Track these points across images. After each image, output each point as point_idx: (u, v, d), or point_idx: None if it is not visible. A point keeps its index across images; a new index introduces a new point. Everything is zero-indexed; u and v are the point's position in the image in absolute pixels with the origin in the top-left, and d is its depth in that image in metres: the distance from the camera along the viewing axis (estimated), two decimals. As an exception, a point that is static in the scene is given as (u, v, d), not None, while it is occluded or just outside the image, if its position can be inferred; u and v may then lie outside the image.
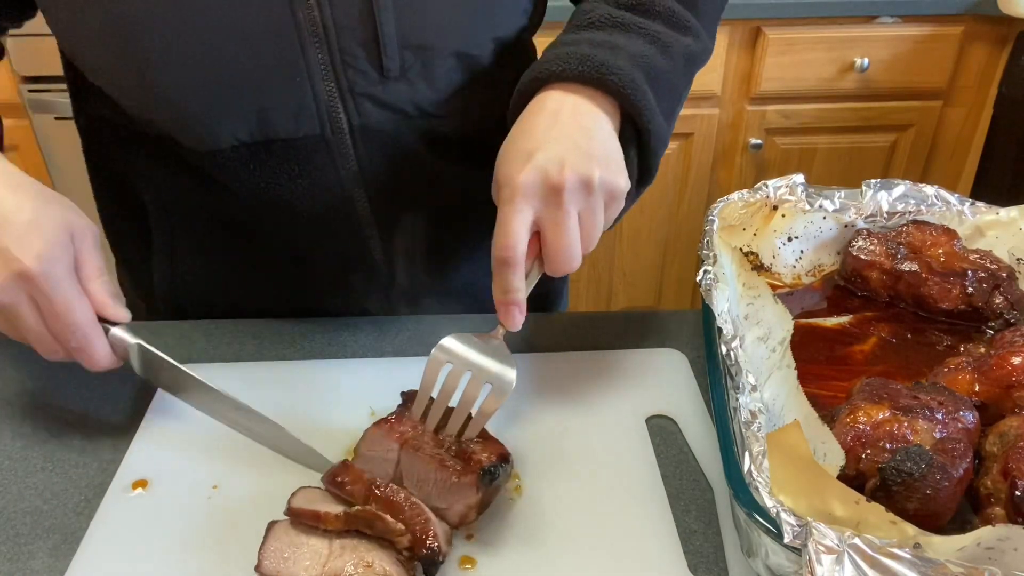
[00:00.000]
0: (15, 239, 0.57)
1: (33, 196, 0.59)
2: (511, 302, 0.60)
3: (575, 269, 0.61)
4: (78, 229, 0.60)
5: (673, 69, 0.68)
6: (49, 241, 0.58)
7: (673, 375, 0.74)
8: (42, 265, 0.57)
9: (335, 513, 0.55)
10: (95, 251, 0.62)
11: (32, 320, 0.59)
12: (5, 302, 0.58)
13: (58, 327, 0.60)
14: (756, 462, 0.53)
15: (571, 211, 0.59)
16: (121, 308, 0.63)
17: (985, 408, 0.62)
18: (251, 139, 0.70)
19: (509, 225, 0.58)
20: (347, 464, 0.58)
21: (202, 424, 0.68)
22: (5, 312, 0.58)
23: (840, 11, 1.76)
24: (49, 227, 0.58)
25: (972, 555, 0.47)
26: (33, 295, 0.58)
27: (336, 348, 0.78)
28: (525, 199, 0.58)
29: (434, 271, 0.85)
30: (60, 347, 0.61)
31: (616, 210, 0.63)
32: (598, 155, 0.60)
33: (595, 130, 0.62)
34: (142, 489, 0.63)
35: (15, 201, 0.58)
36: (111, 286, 0.62)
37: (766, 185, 0.79)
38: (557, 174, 0.58)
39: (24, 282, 0.57)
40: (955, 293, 0.74)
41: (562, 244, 0.59)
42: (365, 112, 0.70)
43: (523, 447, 0.66)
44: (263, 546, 0.55)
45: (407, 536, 0.54)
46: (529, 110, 0.64)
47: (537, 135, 0.61)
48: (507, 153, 0.61)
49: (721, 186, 1.99)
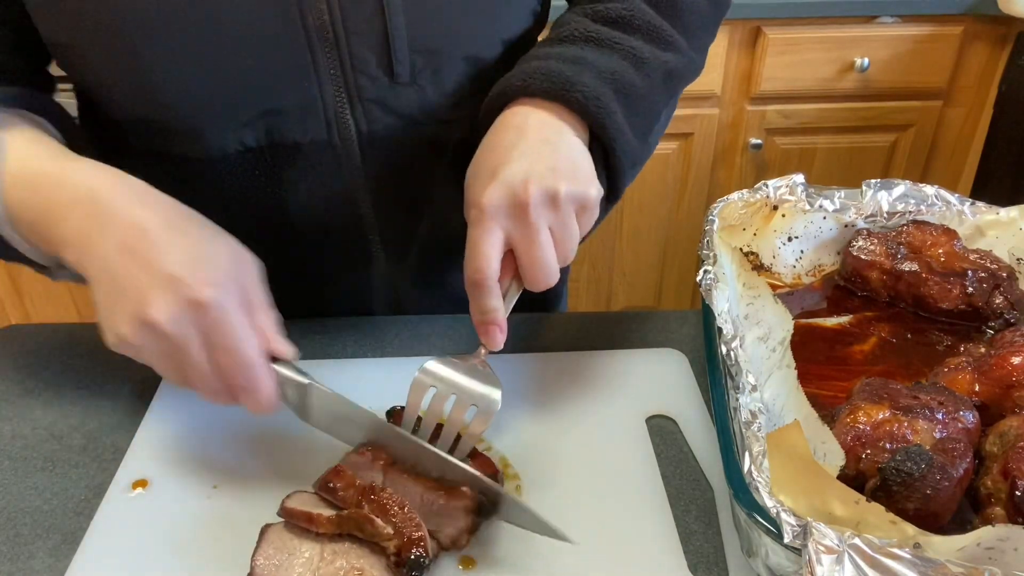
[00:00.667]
0: (188, 269, 0.53)
1: (198, 227, 0.57)
2: (489, 322, 0.59)
3: (553, 283, 0.60)
4: (245, 261, 0.58)
5: (649, 86, 0.67)
6: (221, 271, 0.55)
7: (673, 375, 0.74)
8: (217, 294, 0.53)
9: (327, 515, 0.55)
10: (261, 284, 0.58)
11: (199, 357, 0.54)
12: (174, 334, 0.53)
13: (228, 363, 0.55)
14: (756, 462, 0.53)
15: (540, 226, 0.58)
16: (286, 344, 0.58)
17: (985, 408, 0.62)
18: (258, 144, 0.70)
19: (478, 247, 0.58)
20: (340, 469, 0.58)
21: (202, 425, 0.68)
22: (174, 346, 0.54)
23: (840, 11, 1.76)
24: (219, 257, 0.56)
25: (972, 555, 0.47)
26: (205, 328, 0.54)
27: (336, 348, 0.78)
28: (492, 218, 0.58)
29: (436, 275, 0.85)
30: (224, 386, 0.56)
31: (589, 220, 0.62)
32: (563, 167, 0.59)
33: (560, 143, 0.61)
34: (142, 489, 0.63)
35: (181, 232, 0.56)
36: (277, 321, 0.59)
37: (766, 185, 0.79)
38: (522, 190, 0.57)
39: (197, 313, 0.53)
40: (955, 293, 0.74)
41: (535, 260, 0.59)
42: (373, 118, 0.70)
43: (523, 447, 0.66)
44: (256, 552, 0.55)
45: (395, 541, 0.54)
46: (495, 127, 0.63)
47: (501, 153, 0.60)
48: (473, 172, 0.61)
49: (721, 186, 1.99)
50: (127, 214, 0.55)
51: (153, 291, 0.53)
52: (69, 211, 0.56)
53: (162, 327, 0.53)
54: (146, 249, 0.54)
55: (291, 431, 0.67)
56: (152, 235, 0.54)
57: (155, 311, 0.52)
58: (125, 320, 0.54)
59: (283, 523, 0.57)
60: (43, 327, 0.82)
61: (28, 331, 0.81)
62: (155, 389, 0.72)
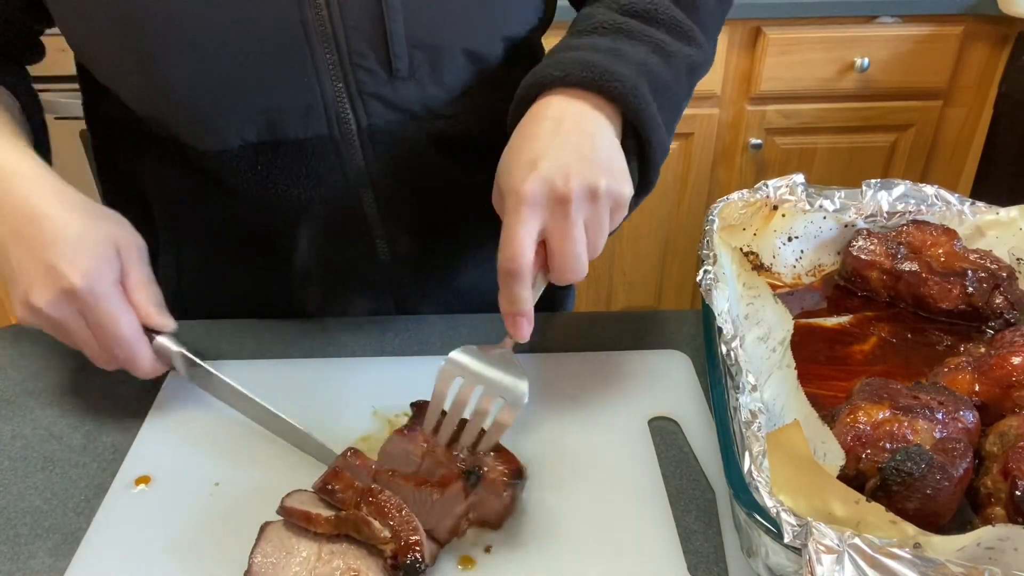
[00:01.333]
0: (62, 256, 0.59)
1: (80, 212, 0.62)
2: (519, 313, 0.59)
3: (582, 278, 0.60)
4: (124, 243, 0.63)
5: (676, 79, 0.67)
6: (94, 257, 0.60)
7: (676, 377, 0.74)
8: (87, 281, 0.59)
9: (325, 516, 0.55)
10: (140, 263, 0.64)
11: (82, 333, 0.62)
12: (55, 318, 0.60)
13: (105, 339, 0.62)
14: (756, 462, 0.53)
15: (577, 221, 0.58)
16: (165, 317, 0.65)
17: (985, 408, 0.62)
18: (259, 139, 0.70)
19: (515, 236, 0.57)
20: (338, 471, 0.58)
21: (205, 421, 0.68)
22: (57, 325, 0.61)
23: (840, 11, 1.76)
24: (94, 243, 0.61)
25: (972, 555, 0.47)
26: (81, 310, 0.61)
27: (337, 348, 0.78)
28: (531, 209, 0.57)
29: (439, 271, 0.85)
30: (110, 357, 0.64)
31: (620, 217, 0.62)
32: (602, 163, 0.59)
33: (598, 137, 0.61)
34: (145, 485, 0.63)
35: (63, 218, 0.61)
36: (156, 296, 0.65)
37: (766, 185, 0.79)
38: (563, 184, 0.57)
39: (71, 298, 0.60)
40: (955, 293, 0.74)
41: (569, 254, 0.58)
42: (373, 113, 0.70)
43: (524, 448, 0.66)
44: (254, 549, 0.55)
45: (392, 544, 0.54)
46: (530, 116, 0.63)
47: (540, 143, 0.60)
48: (510, 162, 0.60)
49: (721, 186, 1.99)
50: (22, 202, 0.61)
51: (35, 280, 0.60)
52: None
53: (44, 311, 0.60)
54: (32, 235, 0.60)
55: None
56: (39, 223, 0.60)
57: (36, 298, 0.60)
58: (18, 303, 0.61)
59: (282, 521, 0.57)
60: (43, 327, 0.82)
61: (28, 331, 0.81)
62: (156, 389, 0.72)
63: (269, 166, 0.72)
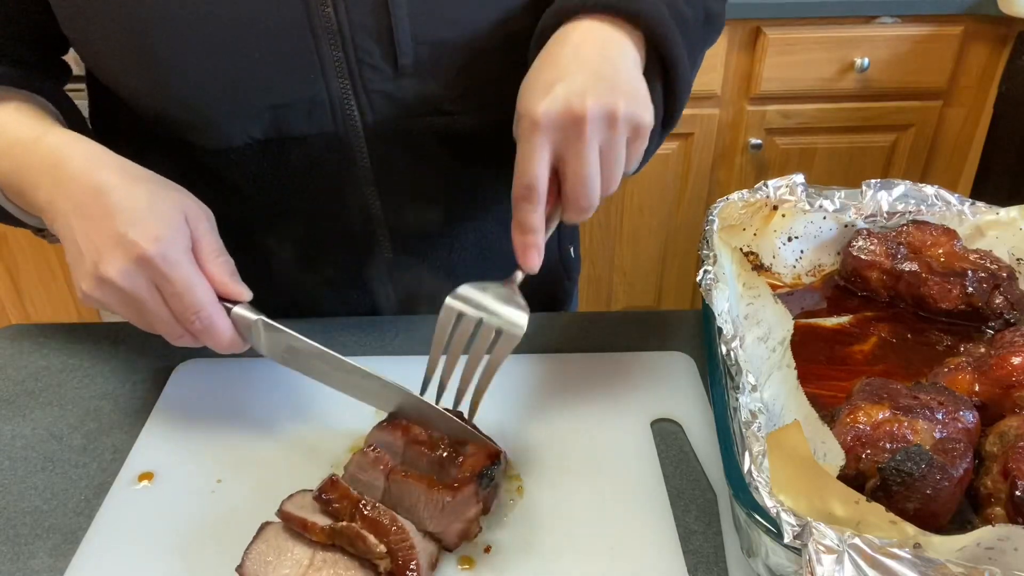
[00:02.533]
0: (132, 225, 0.57)
1: (146, 183, 0.60)
2: (530, 243, 0.58)
3: (592, 209, 0.59)
4: (192, 212, 0.61)
5: (695, 19, 0.67)
6: (166, 224, 0.58)
7: (679, 378, 0.74)
8: (160, 247, 0.57)
9: (321, 525, 0.55)
10: (211, 232, 0.62)
11: (156, 305, 0.59)
12: (128, 288, 0.57)
13: (180, 308, 0.59)
14: (756, 462, 0.53)
15: (593, 143, 0.57)
16: (241, 286, 0.62)
17: (985, 408, 0.62)
18: (264, 136, 0.71)
19: (530, 159, 0.56)
20: (335, 481, 0.57)
21: (208, 419, 0.69)
22: (129, 298, 0.58)
23: (840, 11, 1.76)
24: (165, 211, 0.59)
25: (972, 555, 0.47)
26: (154, 279, 0.58)
27: (337, 348, 0.77)
28: (545, 131, 0.56)
29: (442, 268, 0.85)
30: (185, 330, 0.60)
31: (639, 148, 0.60)
32: (623, 86, 0.58)
33: (620, 61, 0.60)
34: (147, 482, 0.63)
35: (129, 189, 0.59)
36: (229, 265, 0.62)
37: (766, 185, 0.79)
38: (579, 104, 0.56)
39: (144, 266, 0.57)
40: (955, 293, 0.74)
41: (582, 178, 0.57)
42: (378, 109, 0.70)
43: (526, 448, 0.66)
44: (249, 546, 0.55)
45: (387, 560, 0.54)
46: (553, 41, 0.62)
47: (559, 65, 0.59)
48: (528, 85, 0.59)
49: (721, 186, 1.99)
50: (84, 178, 0.59)
51: (105, 250, 0.57)
52: (39, 178, 0.61)
53: (116, 282, 0.57)
54: (99, 210, 0.58)
55: (296, 427, 0.68)
56: (104, 197, 0.58)
57: (108, 268, 0.57)
58: (86, 277, 0.58)
59: (282, 523, 0.57)
60: (43, 327, 0.82)
61: (28, 331, 0.81)
62: (158, 389, 0.72)
63: (274, 163, 0.72)
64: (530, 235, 0.58)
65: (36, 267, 1.99)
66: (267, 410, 0.70)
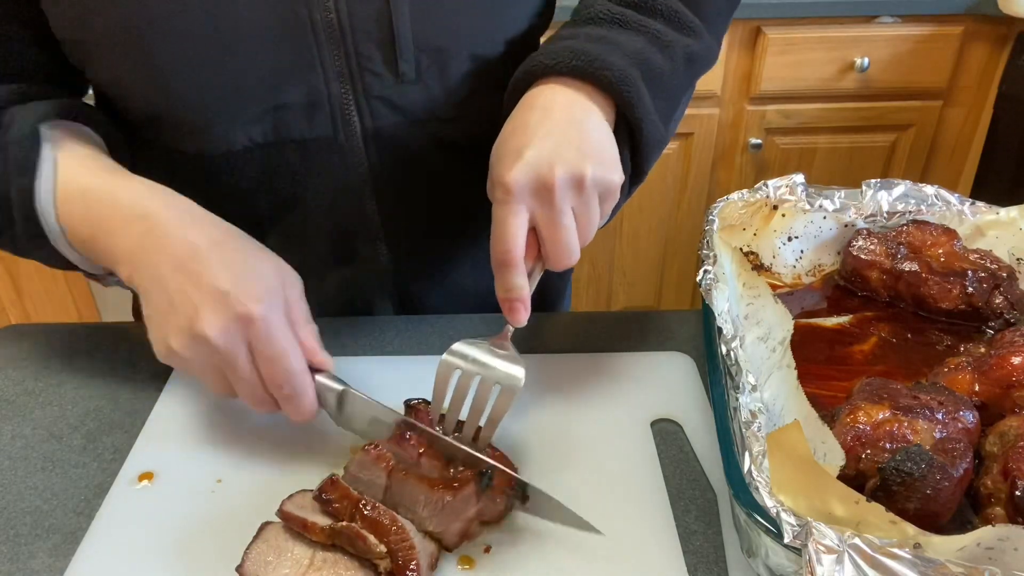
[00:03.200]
0: (236, 284, 0.56)
1: (242, 245, 0.61)
2: (514, 299, 0.60)
3: (574, 263, 0.61)
4: (288, 278, 0.61)
5: (673, 70, 0.68)
6: (269, 287, 0.58)
7: (680, 379, 0.74)
8: (263, 308, 0.56)
9: (322, 525, 0.55)
10: (302, 299, 0.62)
11: (246, 367, 0.58)
12: (223, 346, 0.56)
13: (272, 373, 0.58)
14: (756, 462, 0.53)
15: (565, 209, 0.59)
16: (326, 355, 0.62)
17: (985, 408, 0.62)
18: (264, 140, 0.71)
19: (504, 227, 0.58)
20: (334, 480, 0.57)
21: (208, 419, 0.69)
22: (223, 357, 0.57)
23: (840, 11, 1.76)
24: (265, 273, 0.59)
25: (972, 555, 0.47)
26: (252, 341, 0.57)
27: (336, 348, 0.78)
28: (518, 199, 0.58)
29: (440, 272, 0.85)
30: (269, 396, 0.60)
31: (611, 204, 0.62)
32: (590, 150, 0.60)
33: (587, 124, 0.61)
34: (147, 482, 0.63)
35: (231, 248, 0.59)
36: (316, 333, 0.62)
37: (766, 185, 0.79)
38: (548, 172, 0.57)
39: (246, 326, 0.56)
40: (955, 293, 0.74)
41: (559, 241, 0.59)
42: (378, 115, 0.71)
43: (526, 448, 0.66)
44: (249, 546, 0.55)
45: (387, 560, 0.54)
46: (521, 105, 0.63)
47: (527, 132, 0.60)
48: (499, 151, 0.61)
49: (721, 186, 1.99)
50: (179, 234, 0.58)
51: (204, 306, 0.56)
52: (122, 229, 0.59)
53: (212, 341, 0.56)
54: (197, 267, 0.57)
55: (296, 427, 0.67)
56: (203, 253, 0.57)
57: (206, 325, 0.56)
58: (177, 334, 0.57)
59: (282, 523, 0.57)
60: (43, 327, 0.82)
61: (28, 331, 0.81)
62: (158, 389, 0.72)
63: (273, 167, 0.72)
64: (513, 293, 0.59)
65: (36, 267, 1.99)
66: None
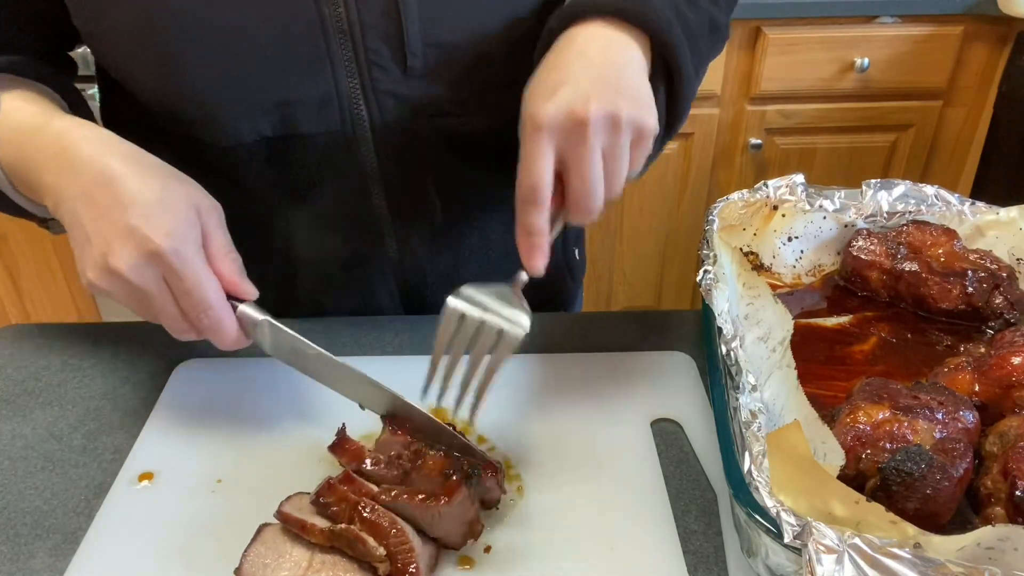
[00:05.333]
0: (144, 218, 0.56)
1: (157, 174, 0.59)
2: (535, 245, 0.58)
3: (596, 213, 0.59)
4: (204, 207, 0.60)
5: (700, 27, 0.67)
6: (178, 219, 0.57)
7: (680, 379, 0.74)
8: (173, 243, 0.56)
9: (320, 527, 0.55)
10: (221, 228, 0.61)
11: (163, 299, 0.58)
12: (137, 281, 0.57)
13: (188, 305, 0.58)
14: (756, 462, 0.53)
15: (596, 147, 0.57)
16: (248, 285, 0.62)
17: (985, 408, 0.62)
18: (273, 133, 0.71)
19: (533, 162, 0.56)
20: (331, 484, 0.57)
21: (208, 419, 0.69)
22: (137, 291, 0.57)
23: (840, 11, 1.76)
24: (177, 205, 0.58)
25: (972, 555, 0.47)
26: (164, 274, 0.57)
27: (337, 348, 0.78)
28: (549, 134, 0.56)
29: (447, 268, 0.85)
30: (191, 326, 0.60)
31: (643, 152, 0.60)
32: (626, 90, 0.58)
33: (625, 65, 0.60)
34: (147, 482, 0.63)
35: (141, 181, 0.57)
36: (237, 263, 0.61)
37: (766, 185, 0.79)
38: (582, 108, 0.56)
39: (155, 261, 0.56)
40: (955, 293, 0.74)
41: (585, 181, 0.57)
42: (387, 110, 0.71)
43: (526, 448, 0.66)
44: (248, 548, 0.55)
45: (387, 564, 0.54)
46: (559, 44, 0.62)
47: (564, 69, 0.59)
48: (533, 87, 0.59)
49: (721, 186, 1.99)
50: (93, 164, 0.58)
51: (115, 241, 0.56)
52: (46, 162, 0.59)
53: (124, 275, 0.56)
54: (109, 199, 0.57)
55: (296, 427, 0.68)
56: (115, 184, 0.57)
57: (117, 260, 0.56)
58: (92, 267, 0.57)
59: (280, 524, 0.57)
60: (43, 327, 0.82)
61: (28, 331, 0.81)
62: (158, 389, 0.72)
63: (282, 161, 0.73)
64: (535, 237, 0.58)
65: (36, 267, 1.99)
66: (267, 410, 0.70)
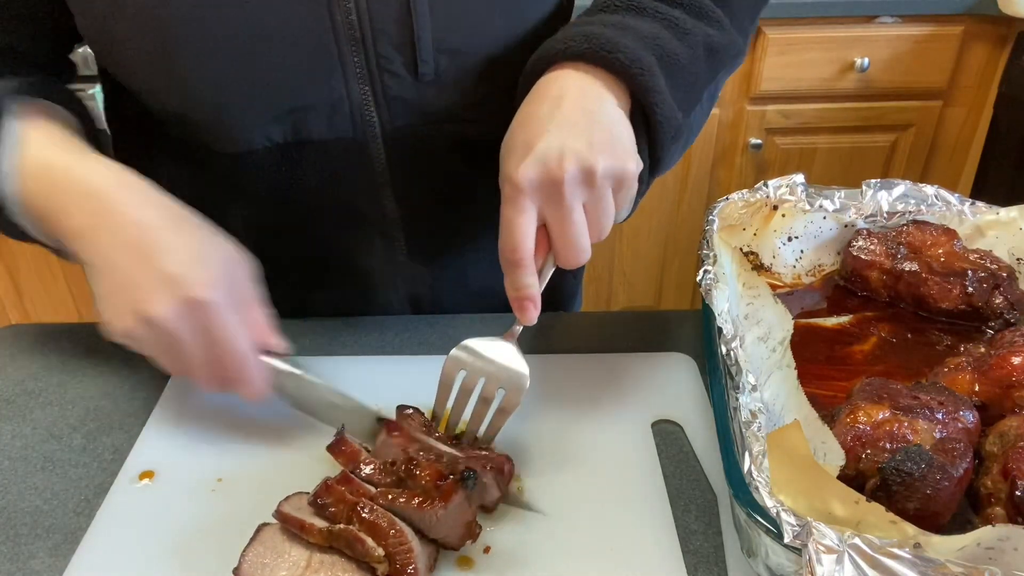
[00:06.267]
0: (184, 268, 0.56)
1: (194, 227, 0.60)
2: (524, 298, 0.59)
3: (585, 261, 0.60)
4: (238, 262, 0.61)
5: (692, 58, 0.66)
6: (216, 270, 0.58)
7: (681, 380, 0.74)
8: (211, 293, 0.57)
9: (319, 527, 0.55)
10: (253, 282, 0.62)
11: (195, 349, 0.58)
12: (173, 330, 0.56)
13: (220, 356, 0.59)
14: (756, 462, 0.53)
15: (575, 205, 0.57)
16: (278, 339, 0.62)
17: (985, 408, 0.62)
18: (284, 140, 0.71)
19: (513, 225, 0.57)
20: (329, 485, 0.57)
21: (208, 419, 0.69)
22: (172, 340, 0.57)
23: (840, 11, 1.76)
24: (214, 256, 0.59)
25: (972, 555, 0.47)
26: (201, 324, 0.57)
27: (337, 347, 0.78)
28: (526, 195, 0.57)
29: (456, 271, 0.85)
30: (219, 377, 0.60)
31: (626, 196, 0.60)
32: (601, 140, 0.58)
33: (599, 113, 0.60)
34: (148, 480, 0.64)
35: (178, 231, 0.58)
36: (268, 317, 0.62)
37: (766, 185, 0.79)
38: (556, 168, 0.56)
39: (194, 310, 0.56)
40: (955, 293, 0.74)
41: (568, 239, 0.58)
42: (398, 116, 0.71)
43: (526, 448, 0.66)
44: (247, 548, 0.55)
45: (386, 564, 0.54)
46: (533, 94, 0.62)
47: (536, 124, 0.59)
48: (508, 145, 0.60)
49: (721, 186, 1.99)
50: (129, 212, 0.58)
51: (153, 289, 0.56)
52: (75, 206, 0.59)
53: (161, 323, 0.56)
54: (147, 247, 0.57)
55: (297, 428, 0.67)
56: (153, 234, 0.57)
57: (155, 308, 0.56)
58: (126, 314, 0.57)
59: (280, 524, 0.57)
60: (43, 327, 0.82)
61: (28, 331, 0.81)
62: (158, 389, 0.72)
63: (292, 167, 0.72)
64: (522, 291, 0.59)
65: (36, 267, 1.99)
66: (267, 410, 0.69)
